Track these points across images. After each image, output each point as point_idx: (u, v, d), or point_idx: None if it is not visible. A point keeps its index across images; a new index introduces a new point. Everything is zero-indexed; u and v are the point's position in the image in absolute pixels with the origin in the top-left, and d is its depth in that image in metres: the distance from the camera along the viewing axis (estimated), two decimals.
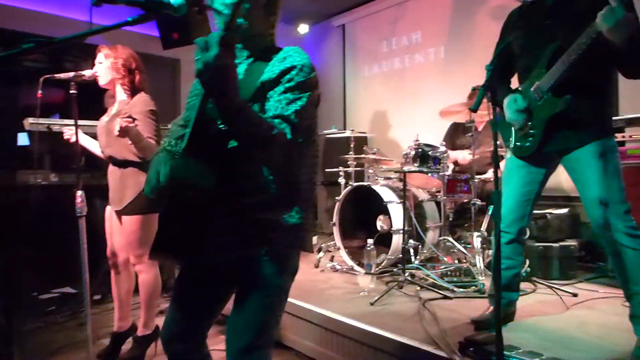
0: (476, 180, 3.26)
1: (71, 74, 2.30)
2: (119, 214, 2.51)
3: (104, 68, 2.46)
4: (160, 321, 2.78)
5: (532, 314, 2.48)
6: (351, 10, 5.94)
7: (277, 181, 1.24)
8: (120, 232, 2.55)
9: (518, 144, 2.19)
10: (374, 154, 3.82)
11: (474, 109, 1.53)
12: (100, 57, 2.47)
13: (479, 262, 3.04)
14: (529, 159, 2.17)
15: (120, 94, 2.55)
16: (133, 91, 2.52)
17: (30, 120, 3.11)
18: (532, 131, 2.10)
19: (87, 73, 2.39)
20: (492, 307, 2.31)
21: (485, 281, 2.91)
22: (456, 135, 4.02)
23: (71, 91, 2.31)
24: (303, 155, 1.29)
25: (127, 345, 2.66)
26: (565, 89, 1.96)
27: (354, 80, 6.02)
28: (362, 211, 3.63)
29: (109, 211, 2.62)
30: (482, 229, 3.33)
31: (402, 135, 5.25)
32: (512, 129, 2.20)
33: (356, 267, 3.41)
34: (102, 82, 2.49)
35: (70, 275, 3.76)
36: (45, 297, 3.75)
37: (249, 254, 1.24)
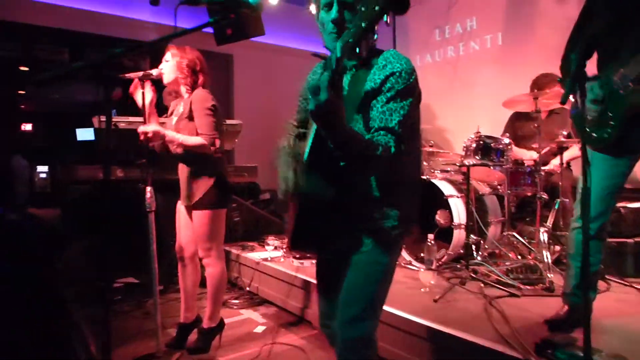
0: (542, 173, 3.10)
1: (140, 73, 2.37)
2: (190, 209, 2.58)
3: (169, 67, 2.51)
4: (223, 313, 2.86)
5: (610, 314, 2.34)
6: None
7: (382, 183, 1.40)
8: (190, 226, 2.62)
9: (594, 135, 2.05)
10: (431, 146, 3.73)
11: (563, 102, 1.44)
12: (167, 55, 2.52)
13: (547, 258, 2.90)
14: (609, 150, 2.03)
15: (184, 93, 2.59)
16: (192, 88, 2.55)
17: (100, 118, 3.24)
18: (611, 122, 1.96)
19: (154, 72, 2.45)
20: (567, 307, 2.20)
21: (554, 278, 2.78)
22: (518, 125, 3.86)
23: (141, 90, 2.38)
24: (407, 153, 1.35)
25: (193, 335, 2.73)
26: None
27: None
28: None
29: (179, 206, 2.69)
30: (547, 223, 3.19)
31: (457, 126, 5.10)
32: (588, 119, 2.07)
33: (414, 262, 3.35)
34: (166, 80, 2.53)
35: (133, 266, 3.94)
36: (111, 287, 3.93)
37: (364, 243, 1.42)
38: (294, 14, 6.02)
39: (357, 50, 1.15)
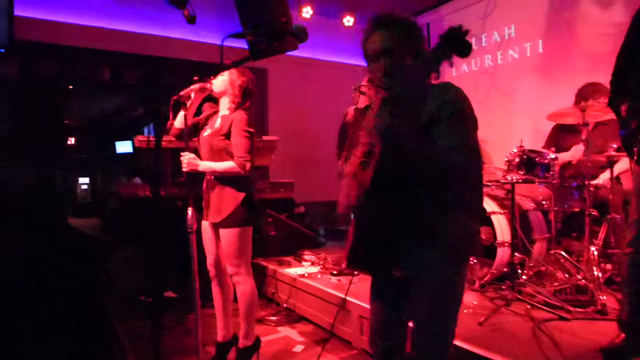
0: (591, 189, 2.96)
1: (192, 93, 2.42)
2: (217, 226, 2.58)
3: (222, 80, 2.57)
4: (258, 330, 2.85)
5: None
6: (437, 7, 5.73)
7: (447, 199, 1.45)
8: (219, 244, 2.63)
9: None
10: None
11: (628, 126, 1.36)
12: (226, 72, 2.58)
13: (598, 278, 2.75)
14: None
15: (224, 109, 2.62)
16: (237, 107, 2.58)
17: (140, 138, 3.32)
18: None
19: (195, 87, 2.48)
20: (623, 335, 2.07)
21: (606, 300, 2.64)
22: (562, 137, 3.71)
23: (182, 112, 2.43)
24: (468, 173, 1.47)
25: (232, 354, 2.73)
26: None
27: (441, 80, 5.79)
28: None
29: (204, 225, 2.68)
30: (596, 240, 3.04)
31: (496, 138, 4.93)
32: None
33: None
34: (215, 90, 2.59)
35: (171, 280, 4.00)
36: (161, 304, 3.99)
37: (432, 261, 1.46)
38: (326, 26, 6.04)
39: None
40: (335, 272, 3.64)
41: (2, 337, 2.72)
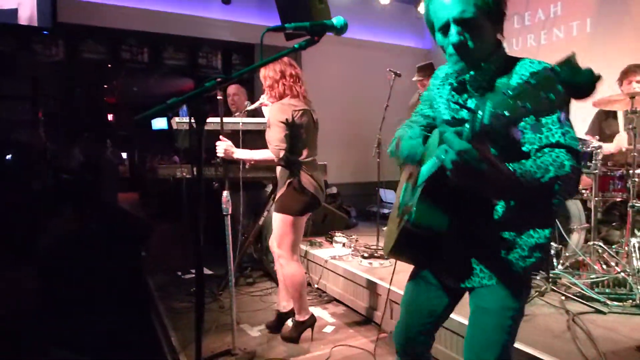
0: (636, 180, 2.84)
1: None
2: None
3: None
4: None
5: None
6: None
7: (514, 205, 1.22)
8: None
9: None
10: None
11: None
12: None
13: (637, 271, 2.67)
14: None
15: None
16: (280, 98, 2.65)
17: (177, 120, 3.39)
18: None
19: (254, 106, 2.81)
20: None
21: None
22: (606, 123, 3.56)
23: (218, 97, 2.47)
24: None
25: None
26: None
27: None
28: None
29: None
30: (639, 232, 2.93)
31: None
32: None
33: None
34: (266, 102, 2.75)
35: (206, 256, 4.12)
36: (188, 278, 4.15)
37: (488, 279, 1.28)
38: (362, 4, 5.92)
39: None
40: (365, 254, 3.67)
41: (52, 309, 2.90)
